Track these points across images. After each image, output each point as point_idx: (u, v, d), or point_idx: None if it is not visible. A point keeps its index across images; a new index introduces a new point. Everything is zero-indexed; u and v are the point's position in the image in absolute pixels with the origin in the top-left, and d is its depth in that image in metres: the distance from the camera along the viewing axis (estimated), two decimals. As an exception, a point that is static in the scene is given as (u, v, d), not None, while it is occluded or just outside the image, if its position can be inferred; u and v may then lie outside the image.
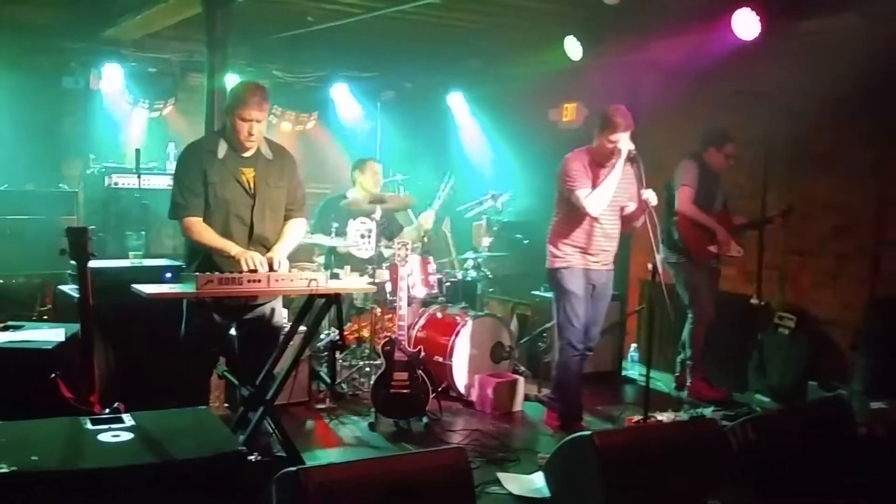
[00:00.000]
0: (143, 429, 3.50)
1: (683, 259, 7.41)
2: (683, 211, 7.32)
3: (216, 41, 7.05)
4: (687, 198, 7.30)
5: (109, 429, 3.45)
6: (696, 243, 7.34)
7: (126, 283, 4.76)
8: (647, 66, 8.54)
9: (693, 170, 7.35)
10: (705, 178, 7.39)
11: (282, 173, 5.25)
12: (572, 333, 6.37)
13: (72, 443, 3.32)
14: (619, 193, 6.28)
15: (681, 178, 7.35)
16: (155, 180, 8.74)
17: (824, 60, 6.95)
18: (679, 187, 7.34)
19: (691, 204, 7.30)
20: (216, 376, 5.66)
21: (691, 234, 7.34)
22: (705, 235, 7.36)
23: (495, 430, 6.59)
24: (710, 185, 7.43)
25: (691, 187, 7.30)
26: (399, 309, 6.62)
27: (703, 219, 7.32)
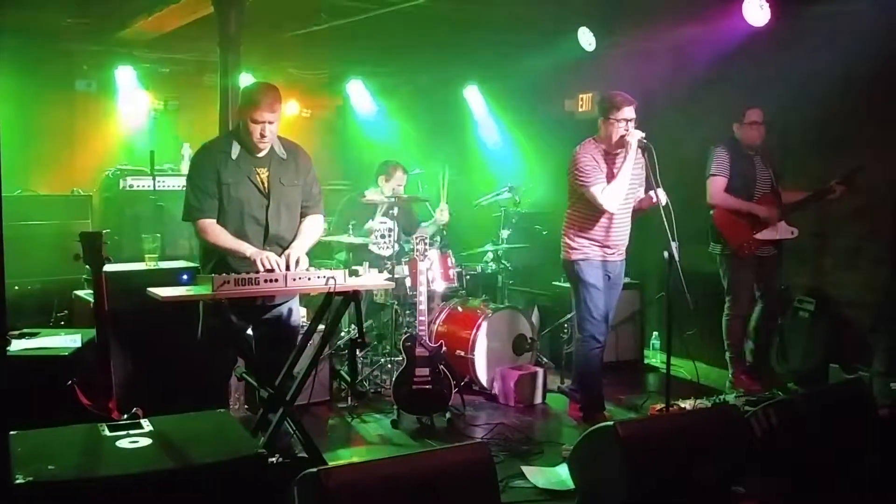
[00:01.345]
0: (162, 434, 3.49)
1: (727, 251, 7.20)
2: (716, 202, 7.14)
3: (229, 40, 7.05)
4: (718, 187, 7.11)
5: (127, 435, 3.45)
6: (735, 233, 7.12)
7: (142, 287, 4.76)
8: (660, 54, 8.53)
9: (722, 157, 7.14)
10: (739, 162, 7.14)
11: (297, 171, 5.23)
12: (594, 326, 6.34)
13: (89, 450, 3.32)
14: (631, 183, 6.25)
15: (709, 168, 7.18)
16: (170, 181, 8.74)
17: (835, 44, 6.94)
18: (708, 177, 7.17)
19: (722, 192, 7.11)
20: (235, 378, 5.66)
21: (729, 223, 7.14)
22: (745, 223, 7.11)
23: (519, 423, 6.58)
24: (746, 168, 7.16)
25: (722, 176, 7.11)
26: (419, 304, 6.60)
27: (738, 204, 7.09)
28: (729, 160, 7.13)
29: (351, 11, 8.45)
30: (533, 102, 10.32)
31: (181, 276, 5.82)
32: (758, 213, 7.09)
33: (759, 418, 5.07)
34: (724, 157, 7.14)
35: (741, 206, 7.10)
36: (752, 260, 7.20)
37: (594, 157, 6.20)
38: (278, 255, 4.94)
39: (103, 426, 3.53)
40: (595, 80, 9.04)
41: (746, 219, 7.12)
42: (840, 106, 7.29)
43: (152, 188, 8.52)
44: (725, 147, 7.19)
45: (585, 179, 6.15)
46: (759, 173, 7.22)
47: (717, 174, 7.13)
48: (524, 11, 8.65)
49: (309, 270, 4.94)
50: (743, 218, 7.12)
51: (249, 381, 5.34)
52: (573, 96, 9.70)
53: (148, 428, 3.54)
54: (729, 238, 7.16)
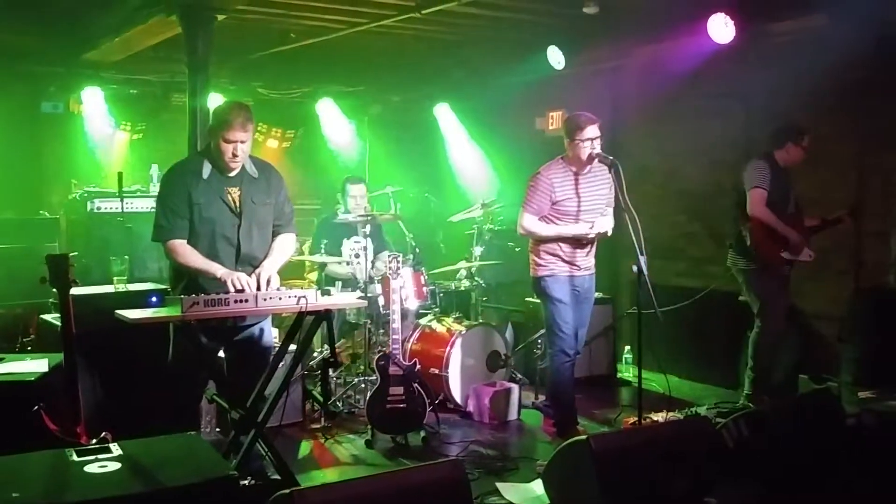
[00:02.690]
0: (131, 457, 3.45)
1: (754, 266, 6.93)
2: (757, 215, 6.79)
3: (197, 61, 7.02)
4: (760, 200, 6.77)
5: (96, 459, 3.40)
6: (769, 249, 6.86)
7: (110, 310, 4.70)
8: (628, 71, 8.62)
9: (765, 170, 6.82)
10: (777, 178, 6.86)
11: (268, 190, 5.21)
12: (563, 341, 6.35)
13: (56, 476, 3.27)
14: (597, 200, 6.32)
15: (752, 180, 6.83)
16: (138, 203, 8.66)
17: (799, 60, 7.05)
18: (750, 189, 6.82)
19: (765, 207, 6.78)
20: (206, 400, 5.61)
21: (765, 239, 6.85)
22: (778, 240, 6.86)
23: (493, 440, 6.57)
24: (782, 185, 6.90)
25: (765, 189, 6.79)
26: (392, 322, 6.58)
27: (776, 223, 6.79)
28: (770, 173, 6.83)
29: (320, 31, 8.49)
30: (504, 120, 10.38)
31: (150, 298, 5.76)
32: (790, 237, 6.85)
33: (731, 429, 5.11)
34: (766, 171, 6.83)
35: (780, 227, 6.82)
36: (778, 275, 6.99)
37: (554, 181, 6.24)
38: (250, 275, 4.91)
39: (71, 451, 3.49)
40: (565, 98, 9.11)
41: (779, 237, 6.87)
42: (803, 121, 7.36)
43: (120, 210, 8.43)
44: (765, 160, 6.90)
45: (527, 201, 6.28)
46: (790, 193, 6.99)
47: (759, 186, 6.79)
48: (493, 32, 8.71)
49: (280, 290, 4.91)
50: (775, 236, 6.86)
51: (220, 403, 5.29)
52: (543, 114, 9.77)
53: (117, 452, 3.50)
54: (765, 252, 6.86)
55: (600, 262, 6.58)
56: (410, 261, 7.53)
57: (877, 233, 7.05)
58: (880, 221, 7.03)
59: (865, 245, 7.05)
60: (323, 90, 10.94)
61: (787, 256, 6.90)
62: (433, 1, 7.16)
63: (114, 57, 8.84)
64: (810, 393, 6.29)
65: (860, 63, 6.79)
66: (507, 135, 10.35)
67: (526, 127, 9.96)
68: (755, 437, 5.00)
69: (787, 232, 6.81)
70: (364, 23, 8.05)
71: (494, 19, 8.15)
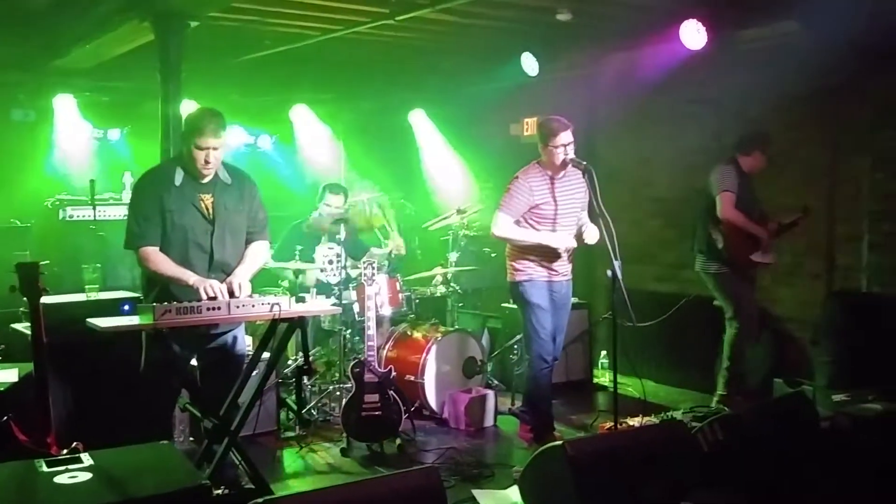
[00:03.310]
0: (102, 468, 3.42)
1: (726, 269, 7.06)
2: (729, 217, 6.92)
3: (170, 68, 6.97)
4: (730, 203, 6.92)
5: (66, 470, 3.37)
6: (740, 251, 7.00)
7: (82, 318, 4.69)
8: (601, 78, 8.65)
9: (732, 175, 6.98)
10: (743, 182, 7.03)
11: (242, 197, 5.19)
12: (541, 346, 6.36)
13: (25, 488, 3.24)
14: (573, 205, 6.35)
15: (721, 184, 6.98)
16: (111, 211, 8.63)
17: (770, 67, 7.16)
18: (720, 193, 6.96)
19: (735, 209, 6.93)
20: (179, 409, 5.57)
21: (737, 241, 6.98)
22: (749, 243, 6.99)
23: (469, 447, 6.57)
24: (748, 190, 7.08)
25: (733, 192, 6.94)
26: (367, 329, 6.55)
27: (748, 224, 6.95)
28: (737, 177, 6.99)
29: (294, 38, 8.46)
30: (479, 127, 10.39)
31: (122, 306, 5.74)
32: (760, 235, 6.99)
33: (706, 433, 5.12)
34: (733, 174, 6.99)
35: (752, 227, 6.96)
36: (749, 277, 7.16)
37: (533, 185, 6.26)
38: (223, 282, 4.88)
39: (41, 462, 3.45)
40: (539, 104, 9.11)
41: (749, 239, 7.00)
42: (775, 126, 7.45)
43: (93, 218, 8.39)
44: (732, 165, 7.06)
45: (505, 204, 6.29)
46: (755, 199, 7.14)
47: (728, 189, 6.93)
48: (467, 39, 8.71)
49: (253, 297, 4.89)
50: (746, 238, 7.00)
51: (193, 412, 5.26)
52: (518, 120, 9.78)
53: (88, 462, 3.46)
54: (737, 255, 7.00)
55: (576, 268, 6.59)
56: (386, 267, 7.52)
57: (849, 237, 7.12)
58: (852, 226, 7.10)
59: (838, 249, 7.11)
60: (297, 97, 10.90)
61: (757, 258, 7.03)
62: (407, 8, 7.14)
63: (85, 64, 8.76)
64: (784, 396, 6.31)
65: (831, 69, 6.83)
66: (482, 141, 10.36)
67: (501, 133, 9.97)
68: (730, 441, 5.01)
69: (758, 231, 6.97)
70: (338, 29, 8.02)
71: (468, 26, 8.14)
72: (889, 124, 6.83)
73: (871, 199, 6.98)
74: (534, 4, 7.29)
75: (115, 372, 5.35)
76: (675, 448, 4.64)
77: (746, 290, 7.15)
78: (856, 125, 7.02)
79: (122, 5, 6.96)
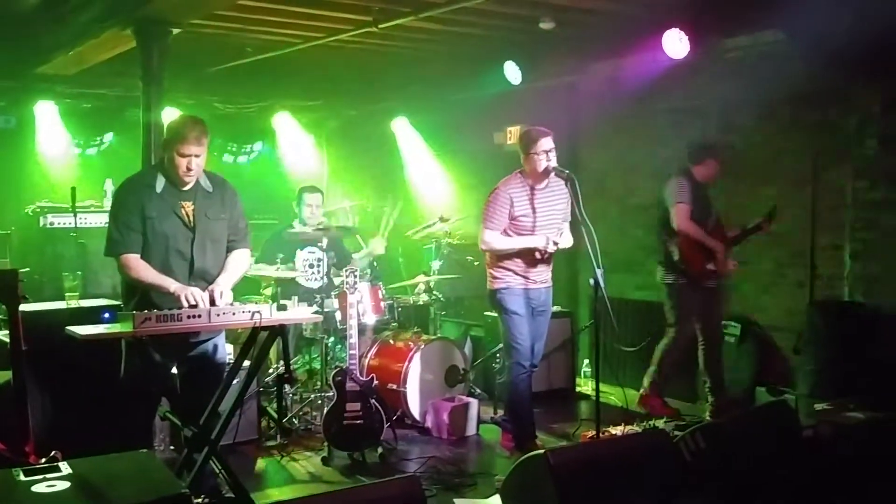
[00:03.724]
0: (81, 477, 3.37)
1: (682, 280, 7.16)
2: (684, 229, 7.02)
3: (152, 75, 6.95)
4: (684, 215, 7.02)
5: (44, 479, 3.32)
6: (696, 263, 7.08)
7: (62, 326, 4.62)
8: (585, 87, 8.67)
9: (685, 186, 7.06)
10: (697, 193, 7.12)
11: (223, 205, 5.17)
12: (519, 353, 6.36)
13: (2, 496, 3.19)
14: (554, 214, 6.36)
15: (675, 196, 7.07)
16: (92, 218, 8.61)
17: (753, 75, 7.19)
18: (674, 205, 7.05)
19: (690, 221, 7.02)
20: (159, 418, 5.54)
21: (692, 253, 7.07)
22: (704, 254, 7.09)
23: (452, 456, 6.56)
24: (703, 199, 7.17)
25: (687, 204, 7.03)
26: (349, 337, 6.54)
27: (703, 237, 7.04)
28: (690, 189, 7.08)
29: (277, 45, 8.46)
30: (462, 135, 10.38)
31: (103, 314, 5.69)
32: (715, 248, 7.08)
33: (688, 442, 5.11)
34: (686, 186, 7.07)
35: (706, 240, 7.06)
36: (701, 291, 7.22)
37: (513, 194, 6.27)
38: (204, 290, 4.85)
39: (18, 471, 3.40)
40: (523, 112, 9.12)
41: (704, 251, 7.10)
42: (759, 135, 7.50)
43: (73, 225, 8.34)
44: (685, 177, 7.14)
45: (486, 218, 6.30)
46: (710, 207, 7.24)
47: (682, 202, 7.02)
48: (450, 47, 8.72)
49: (233, 305, 4.86)
50: (701, 249, 7.09)
51: (173, 420, 5.22)
52: (501, 129, 9.77)
53: (67, 471, 3.42)
54: (691, 266, 7.10)
55: (559, 276, 6.60)
56: (368, 275, 7.50)
57: (832, 246, 7.13)
58: (835, 235, 7.12)
59: (821, 258, 7.12)
60: (280, 104, 10.90)
61: (713, 268, 7.11)
62: (390, 16, 7.15)
63: (67, 71, 8.74)
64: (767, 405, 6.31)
65: (814, 78, 6.88)
66: (465, 149, 10.36)
67: (484, 141, 9.97)
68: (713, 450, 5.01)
69: (713, 244, 7.07)
70: (320, 37, 8.03)
71: (451, 34, 8.15)
72: (871, 133, 6.85)
73: (854, 208, 6.99)
74: (517, 13, 7.32)
75: (95, 380, 5.33)
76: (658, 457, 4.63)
77: (696, 304, 7.23)
78: (838, 134, 7.04)
79: (104, 12, 6.95)
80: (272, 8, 7.15)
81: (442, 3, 6.77)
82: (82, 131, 9.97)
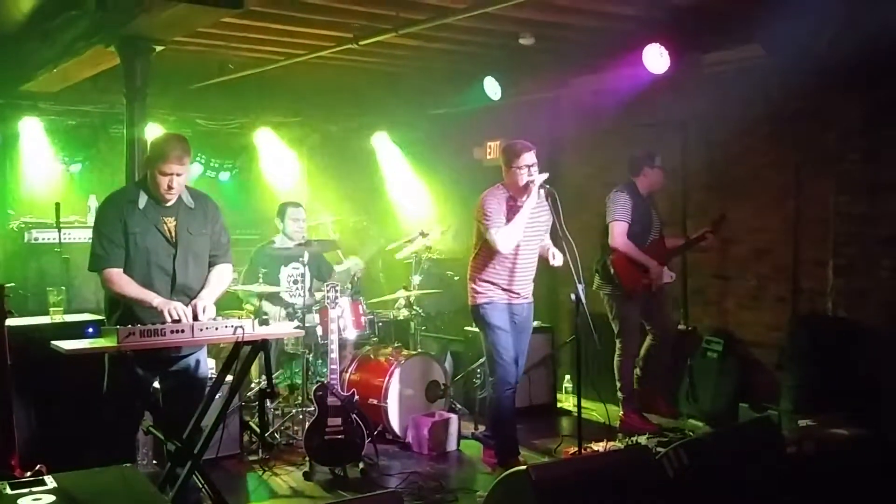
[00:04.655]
0: (66, 491, 3.38)
1: (618, 291, 7.37)
2: (618, 247, 7.28)
3: (135, 92, 6.98)
4: (621, 232, 7.26)
5: (30, 492, 3.33)
6: (629, 276, 7.30)
7: (46, 341, 4.64)
8: (565, 102, 8.73)
9: (624, 202, 7.28)
10: (638, 206, 7.33)
11: (205, 220, 5.20)
12: (503, 369, 6.35)
13: (-12, 509, 3.21)
14: (536, 228, 6.37)
15: (612, 213, 7.30)
16: (76, 234, 8.60)
17: (734, 90, 7.24)
18: (611, 222, 7.30)
19: (625, 238, 7.26)
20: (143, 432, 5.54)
21: (625, 267, 7.30)
22: (639, 269, 7.33)
23: (433, 472, 6.55)
24: (644, 213, 7.37)
25: (624, 221, 7.26)
26: (330, 352, 6.55)
27: (637, 254, 7.29)
28: (631, 205, 7.29)
29: (259, 62, 8.50)
30: (442, 150, 10.44)
31: (87, 328, 5.72)
32: (649, 265, 7.33)
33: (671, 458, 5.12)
34: (627, 202, 7.29)
35: (638, 257, 7.31)
36: (639, 299, 7.44)
37: (500, 201, 6.27)
38: (186, 305, 4.88)
39: (4, 485, 3.42)
40: (502, 127, 9.18)
41: (639, 264, 7.33)
42: (739, 150, 7.56)
43: (58, 241, 8.34)
44: (626, 191, 7.35)
45: (487, 221, 6.21)
46: (653, 219, 7.46)
47: (619, 219, 7.28)
48: (430, 63, 8.77)
49: (216, 320, 4.88)
50: (636, 263, 7.33)
51: (156, 434, 5.23)
52: (481, 144, 9.82)
53: (52, 485, 3.43)
54: (624, 280, 7.32)
55: (539, 291, 6.62)
56: (349, 290, 7.52)
57: (814, 260, 7.15)
58: (817, 249, 7.13)
59: (803, 272, 7.18)
60: (261, 121, 10.93)
61: (647, 281, 7.32)
62: (370, 32, 7.19)
63: (52, 88, 8.75)
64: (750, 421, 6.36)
65: (794, 93, 6.97)
66: (445, 164, 10.41)
67: (464, 156, 10.01)
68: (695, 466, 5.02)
69: (646, 261, 7.32)
70: (302, 54, 8.07)
71: (431, 50, 8.20)
72: (852, 147, 6.89)
73: (836, 222, 7.02)
74: (496, 29, 7.36)
75: (79, 394, 5.35)
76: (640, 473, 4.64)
77: (634, 313, 7.47)
78: (819, 148, 7.08)
79: (88, 30, 6.97)
80: (254, 25, 7.19)
81: (422, 19, 6.81)
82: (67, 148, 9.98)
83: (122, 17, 6.49)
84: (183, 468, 4.88)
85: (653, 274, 7.34)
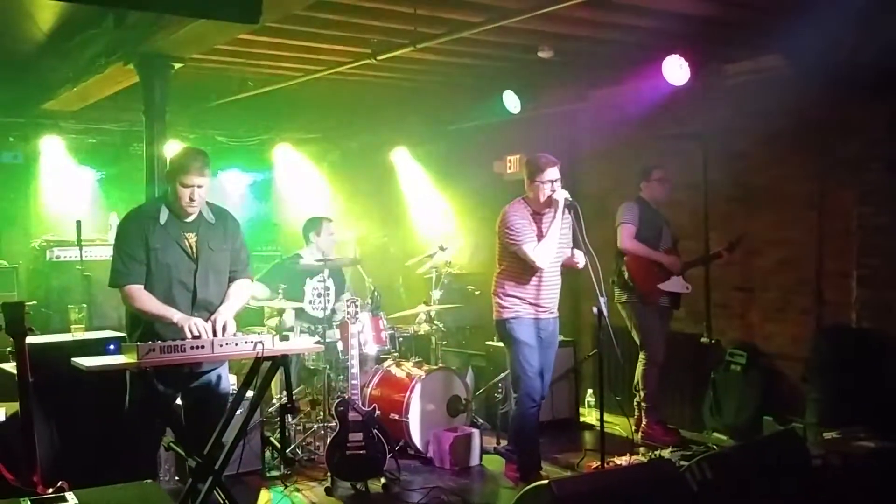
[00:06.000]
0: (87, 507, 3.40)
1: (634, 298, 7.39)
2: (626, 247, 7.36)
3: (155, 109, 7.04)
4: (628, 234, 7.35)
5: (52, 509, 3.35)
6: (645, 281, 7.32)
7: (68, 358, 4.66)
8: (584, 115, 8.71)
9: (632, 209, 7.43)
10: (648, 215, 7.45)
11: (225, 236, 5.21)
12: (529, 385, 6.30)
13: (10, 526, 3.22)
14: (560, 242, 6.32)
15: (620, 218, 7.43)
16: (97, 251, 8.67)
17: (755, 100, 7.17)
18: (618, 226, 7.41)
19: (633, 239, 7.34)
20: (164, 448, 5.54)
21: (640, 271, 7.33)
22: (654, 272, 7.34)
23: (455, 487, 6.52)
24: (654, 222, 7.47)
25: (632, 224, 7.37)
26: (351, 367, 6.55)
27: (647, 252, 7.34)
28: (638, 211, 7.41)
29: (278, 79, 8.53)
30: (461, 165, 10.43)
31: (108, 345, 5.72)
32: (663, 261, 7.37)
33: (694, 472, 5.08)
34: (634, 208, 7.43)
35: (649, 254, 7.36)
36: (656, 309, 7.44)
37: (524, 216, 6.26)
38: (206, 321, 4.88)
39: (26, 501, 3.43)
40: (522, 141, 9.17)
41: (654, 268, 7.34)
42: (761, 161, 7.50)
43: (79, 258, 8.41)
44: (634, 202, 7.50)
45: (517, 238, 6.19)
46: (664, 228, 7.51)
47: (626, 222, 7.39)
48: (449, 78, 8.78)
49: (236, 336, 4.89)
50: (651, 266, 7.34)
51: (178, 451, 5.22)
52: (501, 158, 9.81)
53: (73, 501, 3.46)
54: (639, 284, 7.33)
55: (561, 305, 6.58)
56: (369, 305, 7.51)
57: (838, 272, 7.07)
58: (841, 261, 7.05)
59: (827, 284, 7.11)
60: (281, 137, 10.98)
61: (664, 287, 7.33)
62: (388, 48, 7.19)
63: (72, 106, 8.83)
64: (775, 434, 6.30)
65: (816, 103, 6.88)
66: (465, 179, 10.39)
67: (483, 171, 10.00)
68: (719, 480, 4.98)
69: (657, 256, 7.37)
70: (320, 70, 8.09)
71: (449, 65, 8.21)
72: (875, 157, 6.82)
73: (860, 234, 6.95)
74: (515, 42, 7.36)
75: (101, 411, 5.36)
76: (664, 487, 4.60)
77: (654, 320, 7.46)
78: (842, 159, 7.01)
79: (107, 48, 7.04)
80: (272, 42, 7.22)
81: (439, 34, 6.82)
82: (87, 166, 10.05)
83: (141, 35, 6.56)
84: (204, 484, 4.87)
85: (668, 265, 7.37)
